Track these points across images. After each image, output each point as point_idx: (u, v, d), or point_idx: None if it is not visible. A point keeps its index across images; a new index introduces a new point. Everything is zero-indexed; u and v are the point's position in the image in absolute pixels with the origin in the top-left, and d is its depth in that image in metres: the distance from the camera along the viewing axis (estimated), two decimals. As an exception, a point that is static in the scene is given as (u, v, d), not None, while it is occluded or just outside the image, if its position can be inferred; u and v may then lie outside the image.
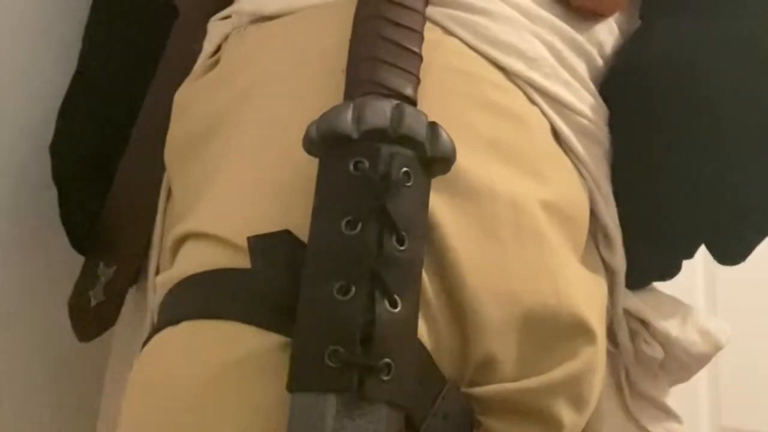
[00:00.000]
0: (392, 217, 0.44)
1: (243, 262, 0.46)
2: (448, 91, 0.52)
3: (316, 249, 0.44)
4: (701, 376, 1.76)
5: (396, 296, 0.43)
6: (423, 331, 0.46)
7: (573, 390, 0.50)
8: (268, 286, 0.45)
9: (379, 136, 0.46)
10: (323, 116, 0.46)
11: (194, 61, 0.65)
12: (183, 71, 0.65)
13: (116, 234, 0.68)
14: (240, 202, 0.50)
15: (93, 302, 0.67)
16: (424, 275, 0.46)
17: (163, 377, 0.45)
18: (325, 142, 0.46)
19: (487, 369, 0.48)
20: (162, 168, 0.64)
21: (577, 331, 0.50)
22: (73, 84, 0.74)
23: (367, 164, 0.45)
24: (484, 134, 0.52)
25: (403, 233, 0.44)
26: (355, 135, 0.45)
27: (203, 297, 0.47)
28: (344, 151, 0.45)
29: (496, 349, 0.48)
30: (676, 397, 0.70)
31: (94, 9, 0.77)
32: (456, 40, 0.55)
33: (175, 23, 0.71)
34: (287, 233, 0.46)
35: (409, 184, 0.45)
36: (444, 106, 0.51)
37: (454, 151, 0.48)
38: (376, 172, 0.44)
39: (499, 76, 0.55)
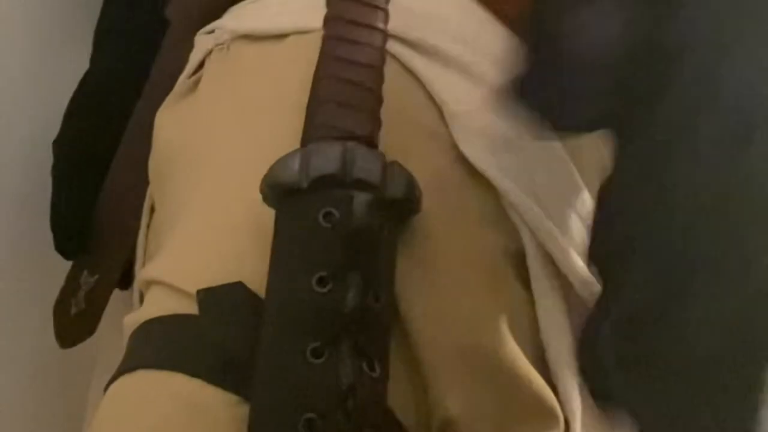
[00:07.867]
0: (372, 271, 0.41)
1: (196, 311, 0.44)
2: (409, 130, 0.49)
3: (281, 309, 0.41)
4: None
5: (374, 358, 0.40)
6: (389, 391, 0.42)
7: None
8: (217, 339, 0.43)
9: (330, 182, 0.43)
10: (270, 168, 0.44)
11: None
12: (171, 85, 0.62)
13: (100, 244, 0.68)
14: (194, 247, 0.48)
15: (74, 310, 0.68)
16: None
17: (114, 429, 0.44)
18: (275, 195, 0.44)
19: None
20: (146, 183, 0.63)
21: (546, 402, 0.45)
22: (80, 86, 0.74)
23: (337, 215, 0.42)
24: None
25: (379, 287, 0.41)
26: (304, 184, 0.43)
27: (156, 345, 0.45)
28: (301, 201, 0.42)
29: (460, 409, 0.43)
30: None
31: (103, 10, 0.75)
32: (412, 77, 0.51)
33: (166, 35, 0.68)
34: (240, 285, 0.43)
35: (385, 232, 0.42)
36: (406, 145, 0.47)
37: (414, 189, 0.44)
38: (350, 222, 0.41)
39: None
